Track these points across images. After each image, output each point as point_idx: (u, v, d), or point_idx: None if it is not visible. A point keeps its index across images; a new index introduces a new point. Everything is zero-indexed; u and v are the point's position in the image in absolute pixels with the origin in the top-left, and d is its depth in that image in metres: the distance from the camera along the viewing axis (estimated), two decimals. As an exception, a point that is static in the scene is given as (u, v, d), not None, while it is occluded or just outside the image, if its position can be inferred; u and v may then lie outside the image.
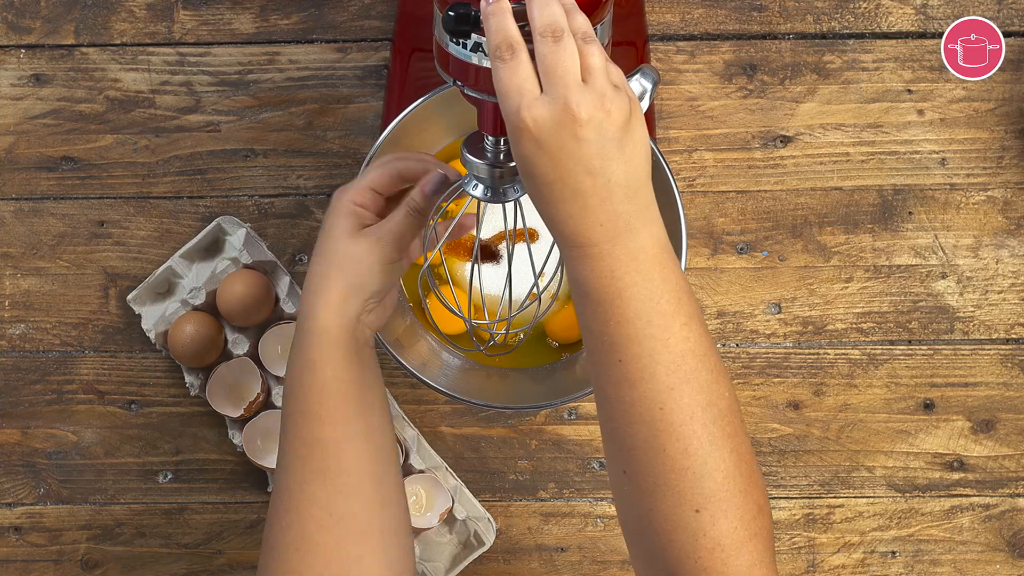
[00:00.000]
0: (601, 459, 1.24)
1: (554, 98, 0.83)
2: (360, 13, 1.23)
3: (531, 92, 0.84)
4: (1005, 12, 1.23)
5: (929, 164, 1.23)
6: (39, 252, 1.24)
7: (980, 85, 1.23)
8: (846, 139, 1.23)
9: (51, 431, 1.24)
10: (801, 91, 1.23)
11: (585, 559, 1.25)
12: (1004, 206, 1.24)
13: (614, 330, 0.86)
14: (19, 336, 1.24)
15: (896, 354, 1.24)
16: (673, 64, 1.23)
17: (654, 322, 0.85)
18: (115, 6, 1.23)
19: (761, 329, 1.23)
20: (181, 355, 1.20)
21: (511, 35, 0.84)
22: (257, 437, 1.20)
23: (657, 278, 0.86)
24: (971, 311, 1.24)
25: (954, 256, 1.24)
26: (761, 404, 1.24)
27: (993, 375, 1.24)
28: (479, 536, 1.23)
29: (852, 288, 1.24)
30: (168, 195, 1.24)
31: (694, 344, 0.86)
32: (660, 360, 0.85)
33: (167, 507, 1.25)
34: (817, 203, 1.24)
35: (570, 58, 0.83)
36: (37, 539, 1.25)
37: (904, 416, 1.24)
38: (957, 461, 1.24)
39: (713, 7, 1.23)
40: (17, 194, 1.24)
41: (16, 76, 1.23)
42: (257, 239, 1.22)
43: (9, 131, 1.23)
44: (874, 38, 1.23)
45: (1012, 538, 1.25)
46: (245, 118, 1.23)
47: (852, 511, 1.24)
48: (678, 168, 1.23)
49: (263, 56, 1.23)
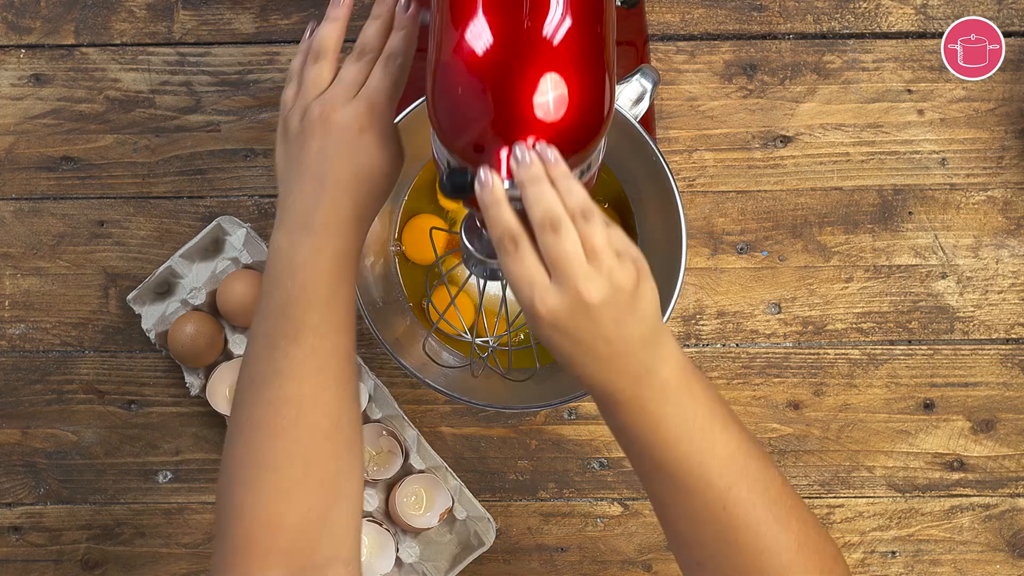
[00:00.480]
0: (601, 459, 1.24)
1: (564, 287, 0.85)
2: (360, 13, 1.23)
3: (541, 283, 0.86)
4: (1005, 12, 1.23)
5: (929, 164, 1.23)
6: (39, 252, 1.24)
7: (980, 85, 1.23)
8: (846, 139, 1.23)
9: (51, 431, 1.24)
10: (801, 91, 1.23)
11: (585, 559, 1.25)
12: (1004, 206, 1.24)
13: (660, 455, 0.90)
14: (19, 336, 1.24)
15: (896, 354, 1.24)
16: (673, 64, 1.23)
17: (695, 438, 0.90)
18: (115, 6, 1.23)
19: (761, 329, 1.23)
20: (181, 355, 1.20)
21: (511, 227, 0.86)
22: (257, 437, 1.20)
23: (687, 402, 0.90)
24: (971, 311, 1.24)
25: (954, 256, 1.24)
26: (761, 404, 1.24)
27: (993, 375, 1.24)
28: (479, 536, 1.23)
29: (852, 288, 1.24)
30: (168, 195, 1.24)
31: (737, 443, 0.91)
32: (711, 468, 0.90)
33: (167, 507, 1.25)
34: (817, 203, 1.24)
35: (572, 245, 0.85)
36: (37, 539, 1.25)
37: (904, 416, 1.24)
38: (957, 461, 1.24)
39: (713, 7, 1.23)
40: (17, 194, 1.24)
41: (16, 76, 1.23)
42: (257, 239, 1.22)
43: (9, 131, 1.23)
44: (874, 38, 1.23)
45: (1012, 538, 1.25)
46: (245, 118, 1.23)
47: (852, 511, 1.24)
48: (678, 168, 1.23)
49: (263, 56, 1.23)
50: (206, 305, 1.21)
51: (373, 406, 1.23)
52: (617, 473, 1.24)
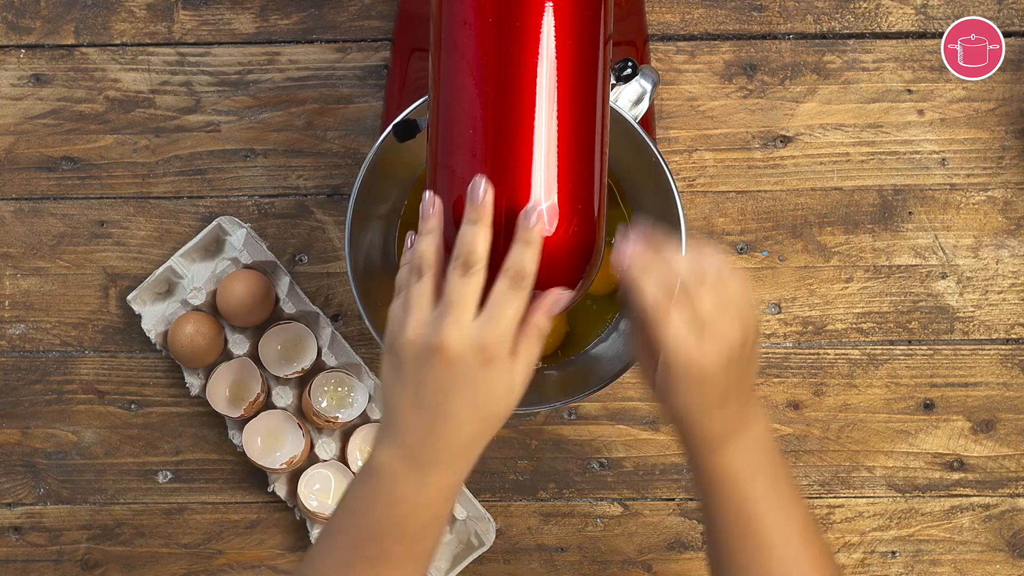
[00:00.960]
0: (601, 459, 1.24)
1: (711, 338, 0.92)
2: (360, 13, 1.23)
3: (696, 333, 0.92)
4: (1005, 12, 1.23)
5: (929, 164, 1.23)
6: (39, 252, 1.24)
7: (980, 85, 1.23)
8: (846, 139, 1.23)
9: (51, 431, 1.24)
10: (801, 91, 1.23)
11: (585, 559, 1.25)
12: (1004, 206, 1.24)
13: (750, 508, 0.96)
14: (19, 336, 1.24)
15: (896, 354, 1.24)
16: (673, 64, 1.23)
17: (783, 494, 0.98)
18: (115, 6, 1.23)
19: (761, 329, 1.23)
20: (181, 355, 1.20)
21: None
22: (257, 437, 1.21)
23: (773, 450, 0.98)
24: (971, 311, 1.24)
25: (954, 256, 1.24)
26: (761, 404, 1.24)
27: (993, 375, 1.24)
28: (479, 536, 1.23)
29: (852, 288, 1.24)
30: (168, 195, 1.24)
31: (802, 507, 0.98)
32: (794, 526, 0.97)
33: (167, 507, 1.25)
34: (817, 203, 1.24)
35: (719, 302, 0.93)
36: (37, 539, 1.25)
37: (904, 416, 1.24)
38: (957, 461, 1.24)
39: (713, 7, 1.23)
40: (17, 194, 1.24)
41: (16, 76, 1.23)
42: (257, 239, 1.22)
43: (9, 131, 1.23)
44: (874, 38, 1.23)
45: (1012, 538, 1.25)
46: (245, 118, 1.23)
47: (852, 511, 1.24)
48: (678, 168, 1.23)
49: (263, 56, 1.23)
50: (206, 305, 1.21)
51: (373, 406, 1.23)
52: (617, 473, 1.24)
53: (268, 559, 1.25)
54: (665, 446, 1.24)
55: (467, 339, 0.87)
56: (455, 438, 0.88)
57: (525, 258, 0.88)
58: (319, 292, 1.24)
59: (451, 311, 0.87)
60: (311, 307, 1.22)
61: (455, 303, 0.87)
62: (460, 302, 0.87)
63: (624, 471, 1.24)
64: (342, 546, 0.91)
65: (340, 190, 1.23)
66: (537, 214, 0.89)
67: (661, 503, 1.25)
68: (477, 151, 0.90)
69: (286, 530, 1.25)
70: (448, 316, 0.87)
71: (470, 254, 0.88)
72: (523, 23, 0.90)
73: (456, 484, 0.90)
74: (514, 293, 0.88)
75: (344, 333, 1.23)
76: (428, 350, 0.87)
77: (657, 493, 1.24)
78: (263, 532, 1.25)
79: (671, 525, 1.25)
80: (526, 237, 0.88)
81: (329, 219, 1.23)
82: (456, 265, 0.88)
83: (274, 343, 1.21)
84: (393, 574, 0.90)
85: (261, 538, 1.25)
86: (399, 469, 0.88)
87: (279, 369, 1.21)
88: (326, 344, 1.22)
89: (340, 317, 1.24)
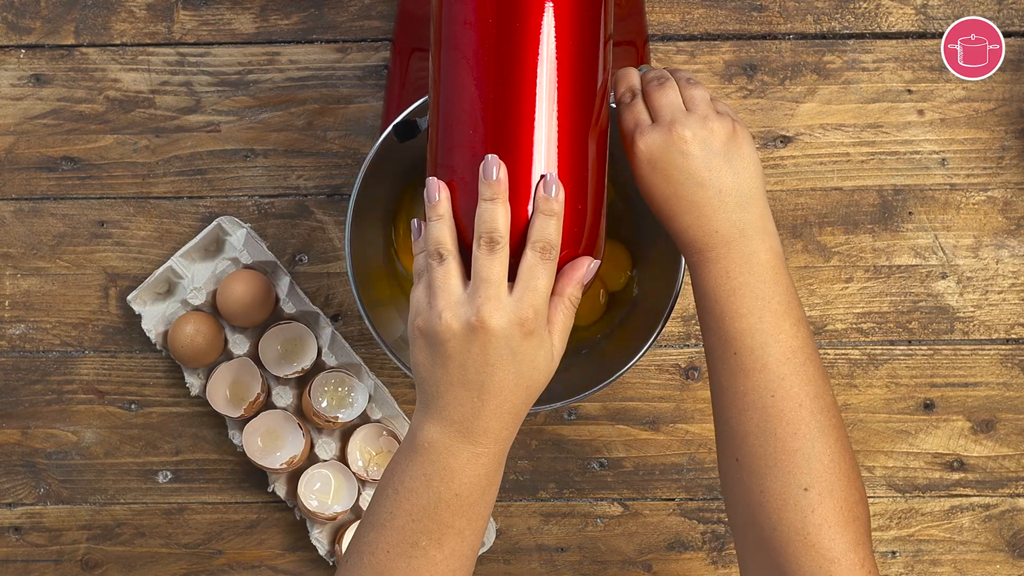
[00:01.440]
0: (601, 459, 1.24)
1: (661, 125, 0.95)
2: (360, 13, 1.23)
3: (643, 122, 0.96)
4: (1005, 12, 1.23)
5: (929, 164, 1.23)
6: (39, 252, 1.24)
7: (980, 85, 1.23)
8: (846, 139, 1.23)
9: (51, 431, 1.24)
10: (801, 91, 1.23)
11: (585, 559, 1.25)
12: (1004, 206, 1.24)
13: (729, 325, 0.94)
14: (19, 336, 1.24)
15: (896, 354, 1.24)
16: (673, 64, 1.23)
17: (765, 318, 0.94)
18: (115, 6, 1.23)
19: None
20: (181, 355, 1.20)
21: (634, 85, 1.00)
22: (257, 437, 1.21)
23: (769, 280, 0.95)
24: (971, 311, 1.24)
25: (954, 256, 1.24)
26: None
27: (993, 375, 1.24)
28: (479, 536, 1.23)
29: (852, 288, 1.24)
30: (168, 195, 1.24)
31: (803, 343, 0.95)
32: (771, 352, 0.93)
33: (167, 507, 1.25)
34: (817, 203, 1.24)
35: (673, 94, 0.97)
36: (37, 539, 1.25)
37: (904, 416, 1.24)
38: (957, 461, 1.24)
39: (713, 7, 1.23)
40: (17, 194, 1.24)
41: (16, 76, 1.23)
42: (257, 239, 1.22)
43: (9, 131, 1.23)
44: (874, 38, 1.23)
45: (1012, 538, 1.25)
46: (245, 118, 1.23)
47: (852, 511, 1.24)
48: (678, 168, 1.23)
49: (263, 56, 1.23)
50: (206, 305, 1.21)
51: (373, 406, 1.23)
52: (617, 473, 1.24)
53: (268, 559, 1.25)
54: (665, 446, 1.24)
55: (506, 314, 0.89)
56: (503, 409, 0.91)
57: (548, 229, 0.91)
58: (319, 292, 1.24)
59: (485, 288, 0.89)
60: (311, 307, 1.22)
61: (488, 280, 0.90)
62: (493, 279, 0.90)
63: (624, 471, 1.24)
64: (399, 527, 0.92)
65: (340, 190, 1.23)
66: (557, 184, 0.91)
67: (661, 503, 1.25)
68: (477, 151, 0.91)
69: (286, 530, 1.25)
70: (483, 293, 0.89)
71: (493, 231, 0.90)
72: (523, 23, 0.90)
73: (505, 451, 0.93)
74: (544, 264, 0.90)
75: (344, 333, 1.23)
76: (469, 328, 0.89)
77: (657, 493, 1.24)
78: (263, 532, 1.25)
79: (671, 525, 1.25)
80: (548, 208, 0.91)
81: (329, 219, 1.23)
82: (481, 243, 0.90)
83: (274, 343, 1.21)
84: (458, 546, 0.92)
85: (261, 538, 1.25)
86: (452, 443, 0.91)
87: (279, 369, 1.21)
88: (326, 344, 1.22)
89: (340, 317, 1.24)
